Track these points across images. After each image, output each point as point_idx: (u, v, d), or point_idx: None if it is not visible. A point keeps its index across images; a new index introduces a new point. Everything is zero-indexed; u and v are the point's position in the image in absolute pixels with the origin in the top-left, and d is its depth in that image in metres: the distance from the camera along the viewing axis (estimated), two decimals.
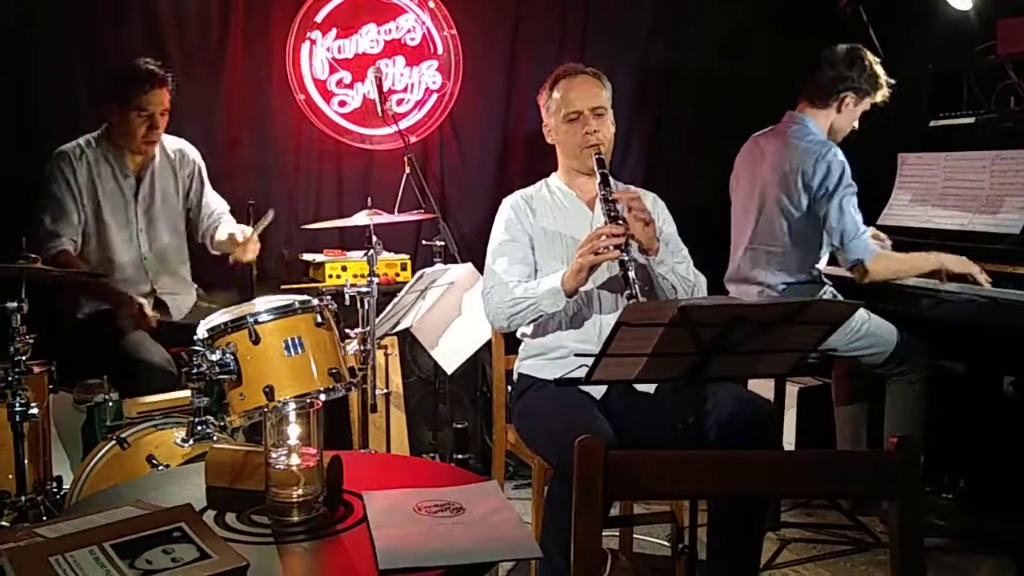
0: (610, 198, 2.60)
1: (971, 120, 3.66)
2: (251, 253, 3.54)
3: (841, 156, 3.32)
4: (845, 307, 2.07)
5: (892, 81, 3.43)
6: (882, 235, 3.61)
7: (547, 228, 2.81)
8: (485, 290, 2.79)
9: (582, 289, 2.68)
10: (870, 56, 3.40)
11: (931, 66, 3.99)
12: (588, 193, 2.85)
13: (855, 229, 3.30)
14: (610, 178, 2.68)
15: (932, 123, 3.79)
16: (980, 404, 3.64)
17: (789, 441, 3.98)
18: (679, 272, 2.70)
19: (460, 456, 3.62)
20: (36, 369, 2.78)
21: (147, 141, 3.48)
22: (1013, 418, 3.47)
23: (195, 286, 3.78)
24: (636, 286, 2.45)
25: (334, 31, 4.15)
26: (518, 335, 2.90)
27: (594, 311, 2.75)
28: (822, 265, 3.47)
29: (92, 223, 3.49)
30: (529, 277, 2.75)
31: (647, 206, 2.65)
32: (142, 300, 3.38)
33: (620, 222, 2.54)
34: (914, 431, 3.32)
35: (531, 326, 2.82)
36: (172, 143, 3.65)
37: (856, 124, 3.48)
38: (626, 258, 2.49)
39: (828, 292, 3.43)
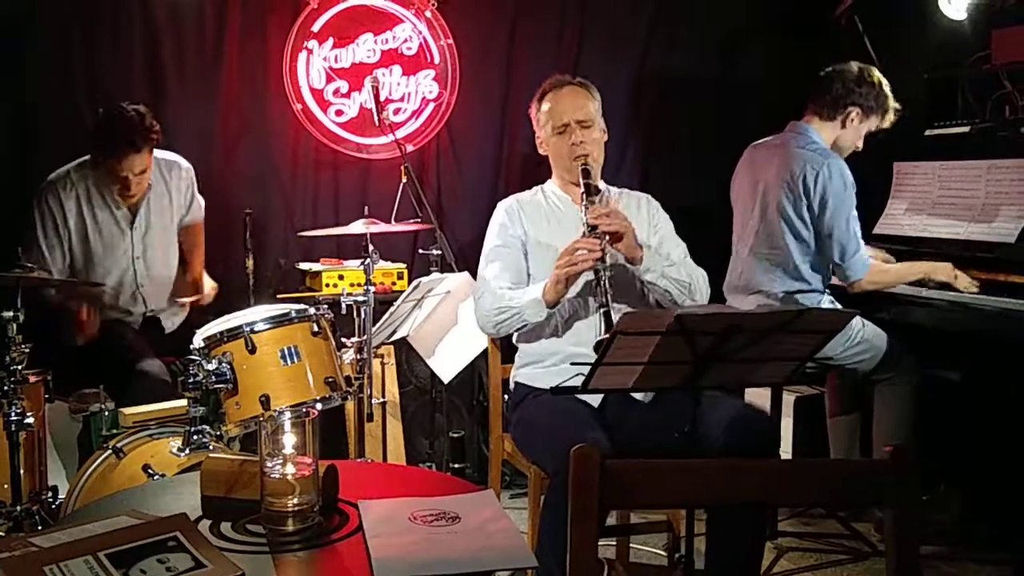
0: (587, 213, 2.61)
1: (966, 129, 3.67)
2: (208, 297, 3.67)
3: (846, 169, 3.34)
4: (841, 315, 2.08)
5: (899, 106, 3.45)
6: (882, 253, 3.60)
7: (540, 238, 2.82)
8: (476, 294, 2.80)
9: (576, 293, 2.69)
10: (880, 77, 3.43)
11: (926, 75, 4.00)
12: None
13: (856, 244, 3.32)
14: (592, 187, 2.71)
15: (927, 132, 3.80)
16: (976, 412, 3.64)
17: (786, 450, 3.98)
18: (670, 275, 2.69)
19: (456, 465, 3.62)
20: (32, 378, 2.77)
21: (122, 196, 3.44)
22: (1009, 426, 3.47)
23: (190, 299, 3.76)
24: (608, 296, 2.46)
25: (331, 40, 4.16)
26: (514, 341, 2.90)
27: (588, 315, 2.75)
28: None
29: (80, 253, 3.46)
30: (520, 283, 2.76)
31: (641, 210, 2.67)
32: (85, 309, 3.35)
33: (597, 232, 2.55)
34: (904, 436, 3.33)
35: (526, 331, 2.82)
36: (166, 158, 3.59)
37: (860, 144, 3.50)
38: (600, 268, 2.50)
39: (826, 301, 3.44)
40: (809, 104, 3.50)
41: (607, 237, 2.55)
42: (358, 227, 3.26)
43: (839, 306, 3.41)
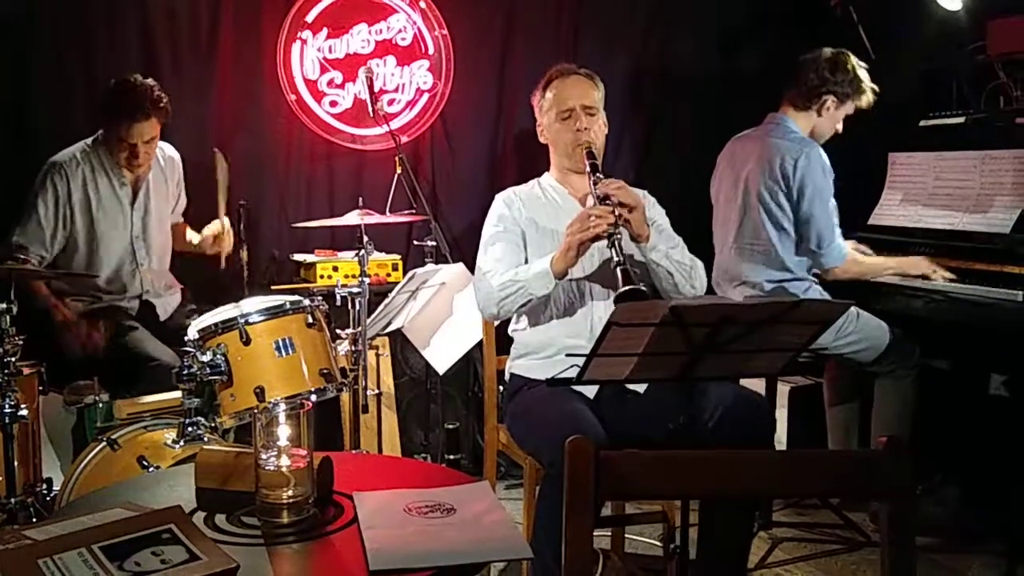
0: (597, 185, 2.61)
1: (961, 120, 3.67)
2: (229, 240, 3.61)
3: (823, 156, 3.35)
4: (836, 306, 2.07)
5: (876, 87, 3.45)
6: (862, 247, 3.61)
7: (539, 223, 2.81)
8: (476, 278, 2.79)
9: (574, 280, 2.68)
10: (854, 61, 3.43)
11: (921, 66, 4.00)
12: (581, 191, 2.85)
13: (831, 232, 3.34)
14: (598, 166, 2.70)
15: (922, 123, 3.80)
16: (970, 403, 3.65)
17: (781, 440, 3.98)
18: (674, 257, 2.69)
19: (452, 456, 3.62)
20: (26, 370, 2.76)
21: (129, 166, 3.46)
22: (1003, 417, 3.48)
23: (180, 286, 3.78)
24: (623, 254, 2.44)
25: (325, 31, 4.14)
26: (510, 331, 2.90)
27: (585, 304, 2.75)
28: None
29: (83, 234, 3.47)
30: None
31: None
32: (91, 328, 3.35)
33: (608, 202, 2.54)
34: (904, 428, 3.34)
35: (523, 319, 2.82)
36: (163, 147, 3.63)
37: (839, 127, 3.50)
38: (612, 231, 2.49)
39: (813, 289, 3.44)
40: (785, 94, 3.50)
41: (619, 209, 2.53)
42: (352, 218, 3.25)
43: (827, 295, 3.42)
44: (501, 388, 2.97)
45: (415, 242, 4.17)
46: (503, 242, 2.78)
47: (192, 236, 3.75)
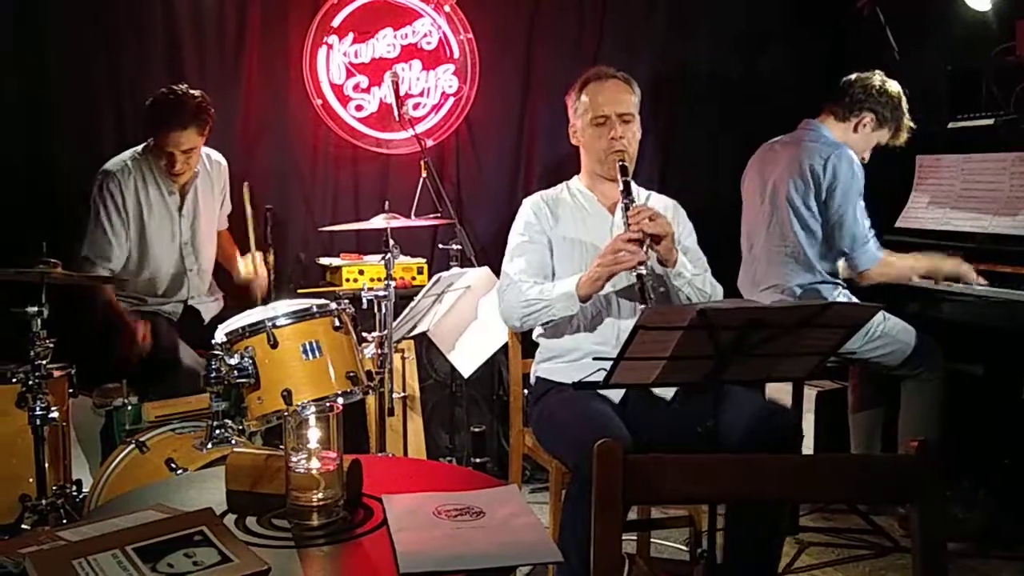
0: (628, 212, 2.60)
1: (990, 121, 3.64)
2: (262, 275, 3.56)
3: (854, 157, 3.33)
4: (865, 310, 2.06)
5: (913, 126, 3.46)
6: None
7: (567, 235, 2.81)
8: (501, 288, 2.79)
9: (602, 293, 2.68)
10: (900, 93, 3.44)
11: (949, 67, 3.96)
12: (610, 198, 2.85)
13: (864, 235, 3.33)
14: (632, 186, 2.69)
15: (950, 124, 3.77)
16: (999, 408, 3.61)
17: (808, 445, 3.96)
18: (695, 284, 2.70)
19: (478, 460, 3.63)
20: (56, 373, 2.79)
21: (171, 174, 3.48)
22: None
23: (221, 293, 3.80)
24: (651, 300, 2.46)
25: (351, 36, 4.16)
26: (534, 337, 2.90)
27: (612, 314, 2.75)
28: (840, 264, 3.47)
29: (136, 242, 3.51)
30: (545, 279, 2.75)
31: (668, 216, 2.66)
32: (142, 326, 3.36)
33: (639, 233, 2.54)
34: (930, 431, 3.31)
35: (548, 327, 2.82)
36: (209, 153, 3.66)
37: (867, 156, 3.50)
38: (643, 271, 2.50)
39: (842, 293, 3.42)
40: (826, 104, 3.50)
41: (649, 239, 2.54)
42: (378, 222, 3.27)
43: (854, 299, 3.40)
44: (526, 392, 2.97)
45: (440, 246, 4.17)
46: (529, 252, 2.79)
47: (241, 265, 3.76)
